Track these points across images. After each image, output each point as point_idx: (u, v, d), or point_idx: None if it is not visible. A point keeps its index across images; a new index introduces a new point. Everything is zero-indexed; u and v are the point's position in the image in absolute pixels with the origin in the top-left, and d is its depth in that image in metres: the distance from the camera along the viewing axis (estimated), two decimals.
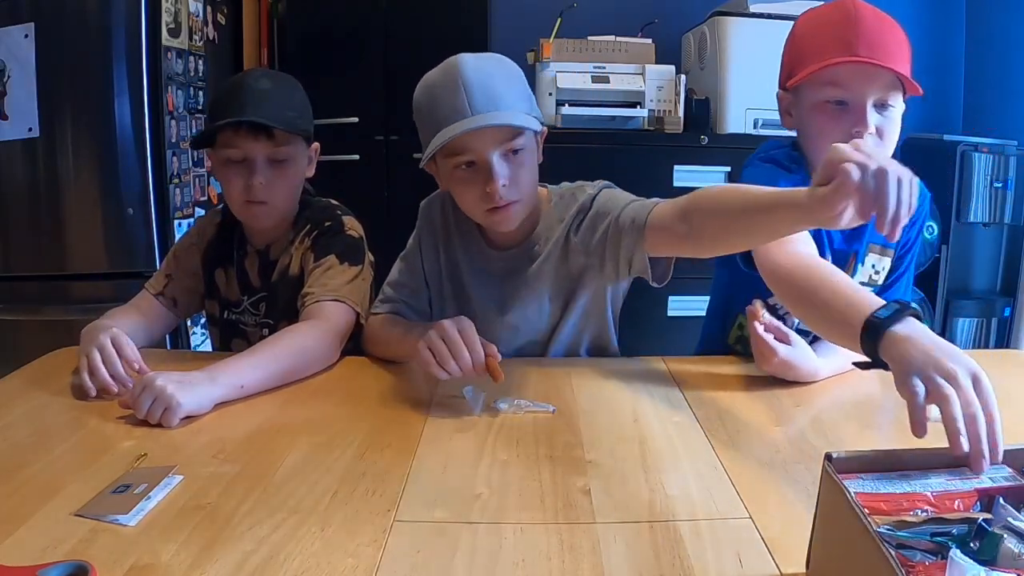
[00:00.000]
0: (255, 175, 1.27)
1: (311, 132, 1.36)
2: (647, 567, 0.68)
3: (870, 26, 1.09)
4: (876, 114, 1.10)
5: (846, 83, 1.10)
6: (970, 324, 2.68)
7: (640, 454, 0.92)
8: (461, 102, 1.12)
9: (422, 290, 1.34)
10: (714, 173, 2.48)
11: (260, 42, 2.83)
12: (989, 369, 1.23)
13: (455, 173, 1.18)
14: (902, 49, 1.10)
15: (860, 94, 1.09)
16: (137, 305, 1.38)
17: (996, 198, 2.59)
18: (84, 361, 1.11)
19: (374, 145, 2.75)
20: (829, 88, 1.11)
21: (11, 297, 2.28)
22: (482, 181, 1.15)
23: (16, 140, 2.18)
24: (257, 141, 1.27)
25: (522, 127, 1.15)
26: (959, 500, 0.62)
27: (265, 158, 1.28)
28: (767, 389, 1.13)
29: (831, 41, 1.10)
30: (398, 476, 0.86)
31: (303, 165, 1.37)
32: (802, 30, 1.18)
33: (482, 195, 1.16)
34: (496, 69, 1.18)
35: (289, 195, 1.35)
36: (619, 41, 2.57)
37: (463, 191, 1.20)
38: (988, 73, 2.88)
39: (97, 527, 0.75)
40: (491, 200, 1.16)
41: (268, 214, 1.34)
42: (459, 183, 1.19)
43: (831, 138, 0.96)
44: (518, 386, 1.13)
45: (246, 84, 1.30)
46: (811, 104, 1.15)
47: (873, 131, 1.09)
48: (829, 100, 1.12)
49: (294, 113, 1.31)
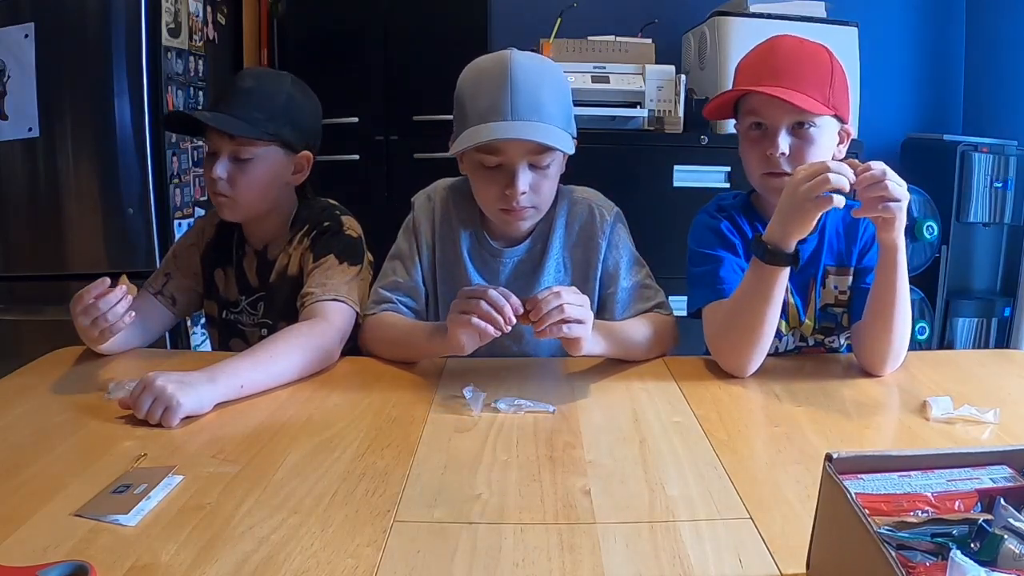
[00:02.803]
0: (215, 169, 1.29)
1: (286, 137, 1.32)
2: (647, 567, 0.68)
3: (783, 58, 1.21)
4: (789, 136, 1.20)
5: (758, 111, 1.22)
6: (970, 324, 2.68)
7: (640, 454, 0.92)
8: (504, 101, 1.16)
9: (419, 288, 1.34)
10: (714, 173, 2.47)
11: (260, 42, 2.83)
12: (989, 369, 1.24)
13: (480, 167, 1.22)
14: (816, 76, 1.20)
15: (771, 120, 1.21)
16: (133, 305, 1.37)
17: (996, 198, 2.59)
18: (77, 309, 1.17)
19: (374, 145, 2.74)
20: (749, 116, 1.24)
21: (11, 297, 2.28)
22: (504, 183, 1.20)
23: (16, 140, 2.18)
24: (221, 138, 1.29)
25: (556, 148, 1.18)
26: (960, 501, 0.62)
27: (228, 154, 1.29)
28: (767, 389, 1.13)
29: (747, 76, 1.25)
30: (398, 476, 0.86)
31: (277, 168, 1.34)
32: (740, 63, 1.30)
33: (500, 195, 1.21)
34: (546, 77, 1.22)
35: (254, 194, 1.32)
36: (619, 41, 2.57)
37: (483, 186, 1.24)
38: (988, 73, 2.88)
39: (97, 527, 0.75)
40: (508, 202, 1.21)
41: (231, 209, 1.33)
42: (481, 177, 1.23)
43: (751, 159, 1.24)
44: (518, 386, 1.13)
45: (234, 81, 1.34)
46: (741, 130, 1.28)
47: (785, 151, 1.19)
48: (750, 126, 1.24)
49: (263, 115, 1.29)
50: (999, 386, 1.15)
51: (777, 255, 1.11)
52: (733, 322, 1.17)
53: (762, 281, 1.13)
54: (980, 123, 2.86)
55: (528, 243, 1.33)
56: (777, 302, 1.14)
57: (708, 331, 1.23)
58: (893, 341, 1.15)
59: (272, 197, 1.36)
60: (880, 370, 1.18)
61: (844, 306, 1.29)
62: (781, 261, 1.11)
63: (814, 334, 1.31)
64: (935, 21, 3.00)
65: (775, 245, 1.10)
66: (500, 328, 1.07)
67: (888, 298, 1.12)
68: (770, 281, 1.13)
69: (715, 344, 1.22)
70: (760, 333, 1.15)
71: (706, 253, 1.28)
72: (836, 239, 1.28)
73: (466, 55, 1.26)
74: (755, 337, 1.15)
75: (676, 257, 1.47)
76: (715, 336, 1.21)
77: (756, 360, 1.18)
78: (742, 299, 1.16)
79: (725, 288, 1.22)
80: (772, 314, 1.15)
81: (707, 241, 1.30)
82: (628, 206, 1.48)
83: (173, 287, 1.41)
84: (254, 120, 1.28)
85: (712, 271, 1.25)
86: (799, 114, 1.18)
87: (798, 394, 1.11)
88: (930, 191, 2.59)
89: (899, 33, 2.98)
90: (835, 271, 1.29)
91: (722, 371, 1.20)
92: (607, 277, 1.32)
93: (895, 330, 1.14)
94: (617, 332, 1.24)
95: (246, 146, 1.29)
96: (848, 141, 1.26)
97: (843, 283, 1.28)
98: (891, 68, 2.91)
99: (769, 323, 1.15)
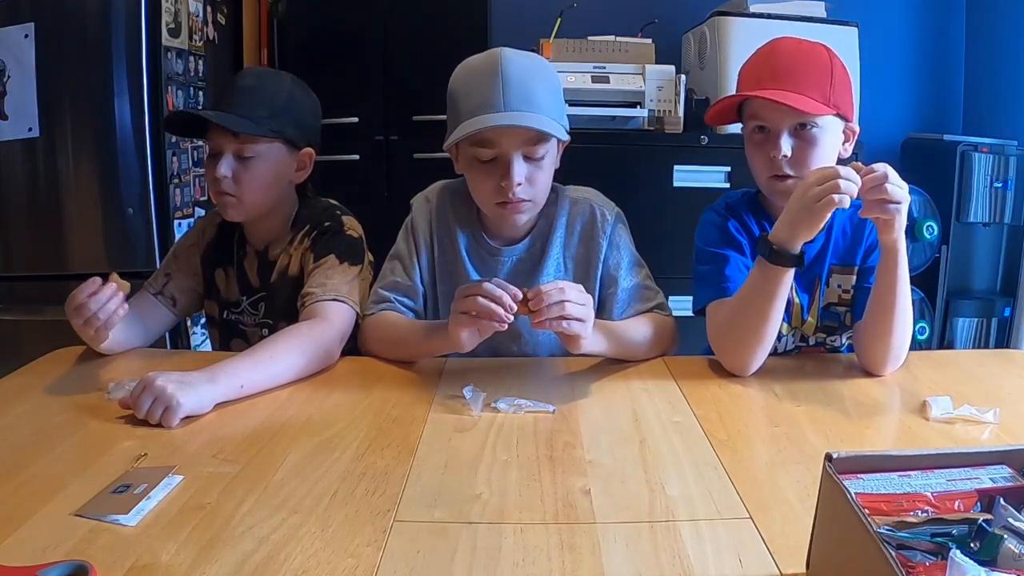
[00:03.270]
0: (219, 168, 1.29)
1: (289, 135, 1.33)
2: (647, 567, 0.68)
3: (782, 60, 1.22)
4: (791, 138, 1.20)
5: (760, 114, 1.23)
6: (970, 324, 2.68)
7: (640, 454, 0.92)
8: (496, 94, 1.16)
9: (418, 288, 1.34)
10: (714, 173, 2.47)
11: (260, 42, 2.83)
12: (989, 369, 1.24)
13: (475, 162, 1.22)
14: (815, 76, 1.20)
15: (773, 123, 1.21)
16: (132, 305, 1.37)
17: (996, 198, 2.59)
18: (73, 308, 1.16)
19: (374, 145, 2.74)
20: (752, 119, 1.25)
21: (11, 297, 2.28)
22: (499, 175, 1.20)
23: (16, 140, 2.18)
24: (224, 136, 1.29)
25: (549, 134, 1.18)
26: (959, 501, 0.62)
27: (232, 153, 1.29)
28: (767, 389, 1.13)
29: (748, 80, 1.25)
30: (398, 476, 0.86)
31: (280, 165, 1.34)
32: (740, 71, 1.30)
33: (496, 188, 1.21)
34: (537, 71, 1.22)
35: (258, 192, 1.32)
36: (619, 41, 2.57)
37: (479, 180, 1.24)
38: (988, 73, 2.88)
39: (97, 527, 0.75)
40: (504, 195, 1.20)
41: (236, 208, 1.33)
42: (477, 172, 1.23)
43: (756, 163, 1.25)
44: (518, 386, 1.13)
45: (235, 80, 1.35)
46: (746, 135, 1.28)
47: (787, 154, 1.19)
48: (754, 129, 1.25)
49: (265, 113, 1.29)
50: (999, 386, 1.15)
51: (782, 255, 1.11)
52: (737, 321, 1.17)
53: (767, 281, 1.13)
54: (980, 123, 2.86)
55: (527, 242, 1.33)
56: (781, 302, 1.15)
57: (711, 329, 1.24)
58: (893, 342, 1.15)
59: (275, 195, 1.36)
60: (880, 370, 1.18)
61: (847, 305, 1.29)
62: (786, 262, 1.11)
63: (816, 333, 1.31)
64: (935, 21, 3.00)
65: (781, 245, 1.11)
66: (500, 319, 1.06)
67: (888, 299, 1.13)
68: (775, 281, 1.13)
69: (718, 342, 1.22)
70: (763, 332, 1.16)
71: (712, 251, 1.28)
72: (843, 238, 1.29)
73: (466, 55, 1.26)
74: (758, 336, 1.16)
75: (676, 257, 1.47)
76: (718, 334, 1.22)
77: (758, 359, 1.18)
78: (746, 298, 1.17)
79: (730, 286, 1.23)
80: (776, 314, 1.15)
81: (713, 239, 1.30)
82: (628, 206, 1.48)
83: (174, 287, 1.41)
84: (257, 118, 1.28)
85: (717, 269, 1.26)
86: (799, 116, 1.19)
87: (798, 394, 1.11)
88: (930, 191, 2.59)
89: (899, 33, 2.98)
90: (840, 270, 1.29)
91: (722, 371, 1.20)
92: (607, 277, 1.32)
93: (895, 331, 1.14)
94: (617, 332, 1.24)
95: (250, 144, 1.29)
96: (854, 139, 1.26)
97: (847, 282, 1.28)
98: (891, 68, 2.91)
99: (772, 323, 1.15)
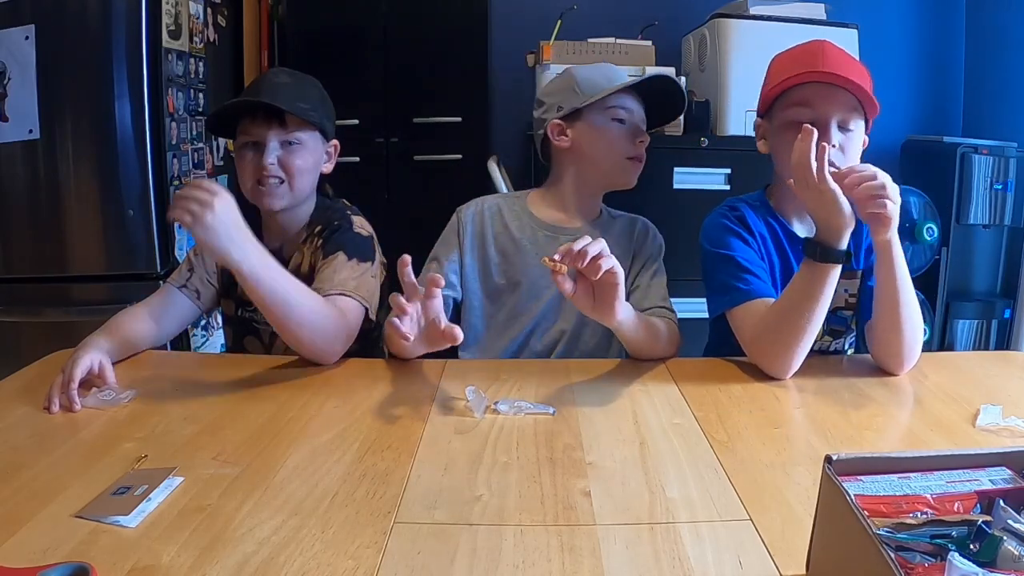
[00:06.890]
0: (267, 155, 1.31)
1: (326, 127, 1.39)
2: (647, 569, 0.69)
3: (834, 55, 1.21)
4: (839, 132, 1.20)
5: (811, 102, 1.20)
6: (970, 326, 2.68)
7: (640, 456, 0.92)
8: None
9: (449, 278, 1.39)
10: (714, 175, 2.48)
11: (260, 44, 2.83)
12: (989, 370, 1.24)
13: (611, 123, 1.37)
14: (863, 77, 1.20)
15: (824, 112, 1.19)
16: (149, 303, 1.36)
17: (996, 200, 2.59)
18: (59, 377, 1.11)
19: (374, 147, 2.74)
20: (796, 108, 1.22)
21: (11, 299, 2.28)
22: (631, 135, 1.38)
23: (16, 142, 2.18)
24: (270, 127, 1.32)
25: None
26: (959, 502, 0.62)
27: (278, 141, 1.33)
28: (767, 390, 1.13)
29: (799, 66, 1.22)
30: (398, 478, 0.86)
31: (318, 154, 1.39)
32: (776, 61, 1.29)
33: (631, 143, 1.37)
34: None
35: (304, 177, 1.36)
36: (619, 43, 2.57)
37: (614, 138, 1.38)
38: (988, 75, 2.89)
39: (98, 528, 0.75)
40: (637, 150, 1.38)
41: (283, 194, 1.35)
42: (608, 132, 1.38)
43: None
44: (518, 388, 1.13)
45: (266, 77, 1.39)
46: (781, 123, 1.25)
47: (837, 145, 1.18)
48: (797, 119, 1.19)
49: (307, 105, 1.34)
50: (999, 387, 1.15)
51: (831, 252, 1.11)
52: (780, 324, 1.16)
53: (814, 282, 1.13)
54: (980, 125, 2.86)
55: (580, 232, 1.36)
56: (826, 302, 1.14)
57: (745, 332, 1.22)
58: (904, 338, 1.15)
59: (312, 184, 1.41)
60: (896, 369, 1.18)
61: (853, 309, 1.28)
62: (836, 259, 1.12)
63: (823, 338, 1.30)
64: (935, 23, 3.00)
65: (828, 243, 1.11)
66: (404, 311, 1.05)
67: (891, 297, 1.13)
68: (822, 281, 1.13)
69: (757, 345, 1.20)
70: (807, 333, 1.15)
71: (723, 254, 1.27)
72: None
73: (466, 57, 1.27)
74: (804, 339, 1.15)
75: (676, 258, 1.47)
76: (757, 338, 1.20)
77: (799, 361, 1.17)
78: (790, 301, 1.16)
79: (755, 286, 1.22)
80: (820, 315, 1.15)
81: (723, 241, 1.29)
82: (628, 208, 1.49)
83: (197, 281, 1.42)
84: (301, 109, 1.33)
85: (735, 272, 1.24)
86: (848, 111, 1.19)
87: (798, 396, 1.11)
88: (930, 193, 2.59)
89: (899, 35, 2.98)
90: (844, 275, 1.28)
91: (722, 373, 1.20)
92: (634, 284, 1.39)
93: (904, 327, 1.14)
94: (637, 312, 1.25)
95: (295, 131, 1.33)
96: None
97: (852, 286, 1.28)
98: (891, 70, 2.92)
99: (816, 323, 1.15)
